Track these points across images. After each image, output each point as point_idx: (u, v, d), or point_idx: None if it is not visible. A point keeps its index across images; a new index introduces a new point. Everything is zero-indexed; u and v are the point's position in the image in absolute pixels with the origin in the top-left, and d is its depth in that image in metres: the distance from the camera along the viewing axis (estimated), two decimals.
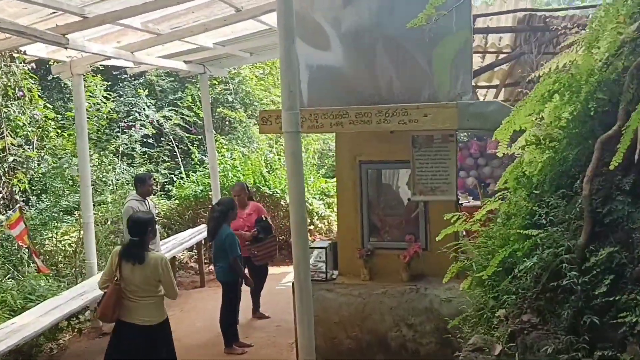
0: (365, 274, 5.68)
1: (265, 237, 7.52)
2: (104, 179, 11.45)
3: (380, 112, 5.23)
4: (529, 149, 3.14)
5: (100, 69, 11.95)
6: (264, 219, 7.69)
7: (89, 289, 6.80)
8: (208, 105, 10.45)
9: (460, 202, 7.47)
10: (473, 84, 7.45)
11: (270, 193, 11.71)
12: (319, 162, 14.08)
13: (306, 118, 5.35)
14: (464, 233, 4.85)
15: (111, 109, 11.29)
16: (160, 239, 8.66)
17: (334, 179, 13.48)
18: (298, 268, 4.44)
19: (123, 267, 4.82)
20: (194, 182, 12.26)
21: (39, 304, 6.41)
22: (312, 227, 12.12)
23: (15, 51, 6.34)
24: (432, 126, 5.16)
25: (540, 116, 3.18)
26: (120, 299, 4.84)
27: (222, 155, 12.35)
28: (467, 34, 5.41)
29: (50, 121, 9.40)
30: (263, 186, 11.79)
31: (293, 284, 5.70)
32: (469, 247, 3.70)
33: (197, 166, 12.57)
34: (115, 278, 4.83)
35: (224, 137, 13.34)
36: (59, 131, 9.77)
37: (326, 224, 12.23)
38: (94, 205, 11.06)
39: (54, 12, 5.60)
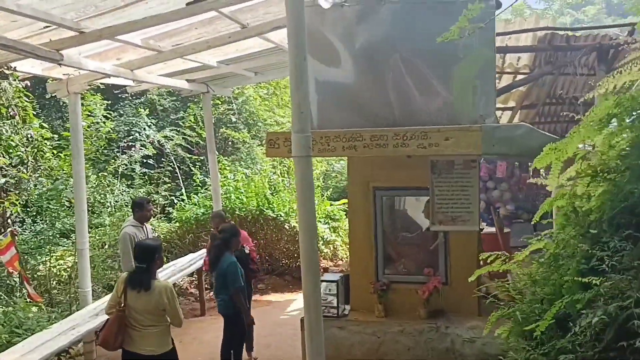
0: (380, 310, 5.23)
1: None
2: (102, 201, 11.06)
3: (398, 135, 4.84)
4: (582, 181, 2.72)
5: (100, 87, 11.67)
6: (241, 248, 6.61)
7: (80, 322, 6.34)
8: (211, 126, 10.08)
9: None
10: None
11: (274, 216, 11.28)
12: (324, 184, 13.67)
13: (317, 141, 4.96)
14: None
15: (111, 128, 10.92)
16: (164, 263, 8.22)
17: (339, 202, 13.19)
18: (309, 307, 4.03)
19: (128, 294, 4.70)
20: (195, 205, 11.84)
21: (25, 338, 5.94)
22: None
23: (5, 67, 5.94)
24: (454, 151, 4.76)
25: (592, 144, 2.78)
26: (124, 326, 4.72)
27: (224, 177, 11.95)
28: (490, 51, 5.03)
29: (46, 141, 9.01)
30: (267, 209, 11.37)
31: (302, 320, 5.31)
32: (502, 287, 3.26)
33: (199, 188, 12.16)
34: (121, 304, 4.73)
35: (226, 158, 12.96)
36: (55, 151, 9.38)
37: (332, 249, 11.78)
38: (91, 227, 10.71)
39: (47, 27, 5.23)
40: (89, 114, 10.03)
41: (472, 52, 4.98)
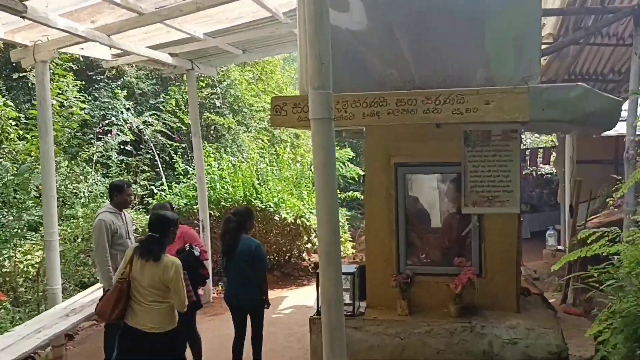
0: (404, 307, 4.45)
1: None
2: (74, 191, 10.12)
3: (429, 99, 4.07)
4: None
5: (72, 67, 10.71)
6: (188, 248, 5.56)
7: (48, 323, 5.47)
8: (196, 106, 9.17)
9: None
10: None
11: (263, 207, 10.45)
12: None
13: (332, 107, 4.17)
14: None
15: (83, 110, 9.96)
16: None
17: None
18: (329, 306, 3.27)
19: (134, 264, 4.43)
20: (176, 195, 10.94)
21: None
22: (309, 245, 10.88)
23: None
24: (496, 117, 4.01)
25: None
26: (124, 297, 4.47)
27: (208, 165, 11.06)
28: (535, 2, 4.28)
29: (10, 121, 8.05)
30: (255, 199, 10.53)
31: (311, 319, 4.53)
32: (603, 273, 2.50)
33: (181, 177, 11.26)
34: (123, 273, 4.48)
35: (210, 145, 12.07)
36: (21, 132, 8.42)
37: None
38: (62, 220, 9.77)
39: None
40: (60, 91, 9.05)
41: (513, 2, 4.24)
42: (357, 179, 16.20)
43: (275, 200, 10.58)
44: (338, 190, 11.78)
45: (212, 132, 12.68)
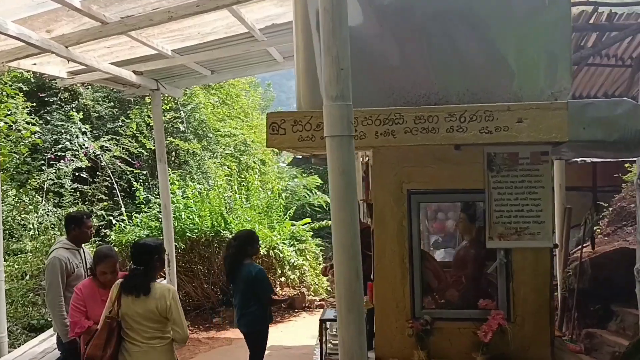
0: (423, 358, 3.80)
1: None
2: (22, 222, 9.15)
3: (453, 116, 3.51)
4: None
5: (22, 87, 9.82)
6: None
7: None
8: (161, 129, 8.42)
9: None
10: None
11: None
12: (289, 202, 12.22)
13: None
14: None
15: (34, 134, 9.06)
16: None
17: (302, 222, 11.75)
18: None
19: (123, 302, 4.03)
20: (137, 226, 10.07)
21: None
22: (282, 278, 10.14)
23: None
24: (530, 137, 3.47)
25: None
26: (115, 336, 4.04)
27: (172, 193, 10.26)
28: (565, 7, 3.81)
29: None
30: (223, 230, 9.77)
31: None
32: None
33: (142, 206, 10.39)
34: (110, 311, 4.05)
35: (174, 171, 11.27)
36: None
37: (298, 274, 10.26)
38: (8, 254, 8.80)
39: None
40: (9, 112, 8.17)
41: (541, 7, 3.75)
42: (325, 208, 15.62)
43: None
44: (309, 219, 11.11)
45: (175, 158, 11.87)
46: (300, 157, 15.98)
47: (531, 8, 3.76)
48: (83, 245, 5.42)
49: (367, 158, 8.85)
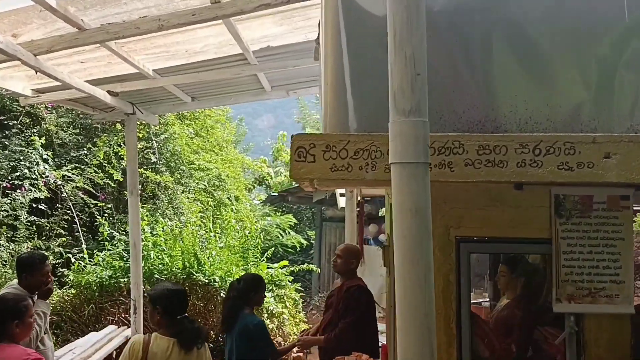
0: None
1: None
2: None
3: (525, 147, 2.84)
4: None
5: None
6: None
7: None
8: (135, 158, 7.55)
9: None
10: None
11: (206, 281, 8.78)
12: (265, 243, 11.37)
13: (371, 153, 2.86)
14: None
15: None
16: (55, 348, 5.46)
17: (278, 264, 10.86)
18: None
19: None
20: (99, 265, 9.05)
21: None
22: None
23: None
24: (620, 177, 2.81)
25: None
26: None
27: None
28: None
29: None
30: (196, 272, 8.84)
31: None
32: None
33: (106, 243, 9.39)
34: None
35: (143, 206, 10.32)
36: None
37: (276, 322, 9.34)
38: None
39: None
40: None
41: (620, 23, 3.16)
42: (298, 248, 14.80)
43: (220, 274, 8.94)
44: (286, 262, 10.27)
45: (143, 190, 10.93)
46: (277, 194, 15.22)
47: (611, 23, 3.17)
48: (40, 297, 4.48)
49: (359, 197, 8.19)
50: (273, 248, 11.07)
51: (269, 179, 16.64)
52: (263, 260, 10.29)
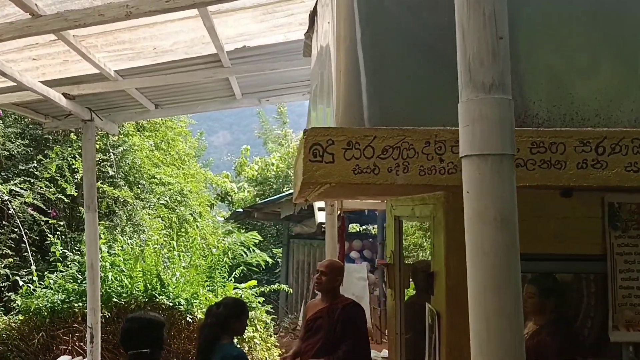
0: None
1: None
2: None
3: (586, 145, 2.38)
4: None
5: None
6: None
7: None
8: (93, 170, 6.80)
9: None
10: None
11: (170, 304, 8.06)
12: (233, 261, 10.69)
13: (400, 151, 2.34)
14: None
15: None
16: None
17: (246, 284, 10.19)
18: None
19: None
20: (50, 288, 8.22)
21: None
22: None
23: None
24: None
25: None
26: None
27: None
28: None
29: None
30: (160, 295, 8.11)
31: None
32: None
33: (58, 264, 8.56)
34: None
35: (100, 223, 9.51)
36: None
37: (247, 347, 8.66)
38: None
39: None
40: None
41: None
42: (263, 267, 14.13)
43: (186, 296, 8.23)
44: (255, 282, 9.63)
45: (99, 206, 10.11)
46: (242, 210, 14.54)
47: None
48: None
49: (339, 211, 7.66)
50: (241, 267, 10.41)
51: (232, 194, 15.94)
52: (231, 280, 9.63)
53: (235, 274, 9.75)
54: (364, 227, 15.25)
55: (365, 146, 2.33)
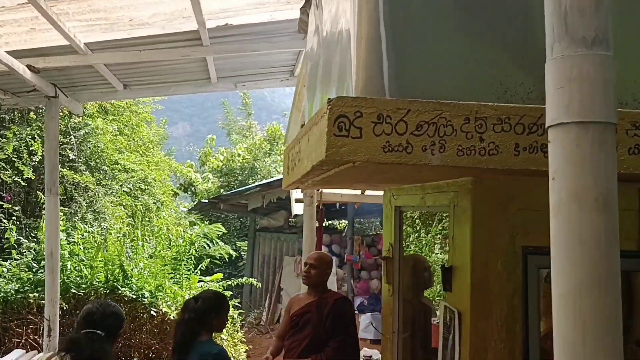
0: None
1: None
2: None
3: (638, 127, 2.14)
4: None
5: None
6: None
7: None
8: (56, 150, 6.31)
9: None
10: None
11: (134, 297, 7.62)
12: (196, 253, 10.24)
13: (428, 127, 2.07)
14: None
15: None
16: None
17: (212, 277, 9.81)
18: None
19: None
20: (3, 277, 7.67)
21: None
22: None
23: None
24: None
25: None
26: None
27: None
28: None
29: None
30: (122, 286, 7.66)
31: None
32: None
33: (13, 252, 8.00)
34: None
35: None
36: None
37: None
38: None
39: None
40: None
41: None
42: (227, 260, 13.75)
43: (150, 288, 7.81)
44: (220, 275, 9.26)
45: (60, 192, 9.57)
46: (207, 201, 14.10)
47: None
48: None
49: (317, 202, 7.34)
50: (206, 260, 10.01)
51: (197, 184, 15.46)
52: (196, 272, 9.23)
53: (202, 267, 9.35)
54: (330, 222, 15.02)
55: (397, 121, 2.04)
